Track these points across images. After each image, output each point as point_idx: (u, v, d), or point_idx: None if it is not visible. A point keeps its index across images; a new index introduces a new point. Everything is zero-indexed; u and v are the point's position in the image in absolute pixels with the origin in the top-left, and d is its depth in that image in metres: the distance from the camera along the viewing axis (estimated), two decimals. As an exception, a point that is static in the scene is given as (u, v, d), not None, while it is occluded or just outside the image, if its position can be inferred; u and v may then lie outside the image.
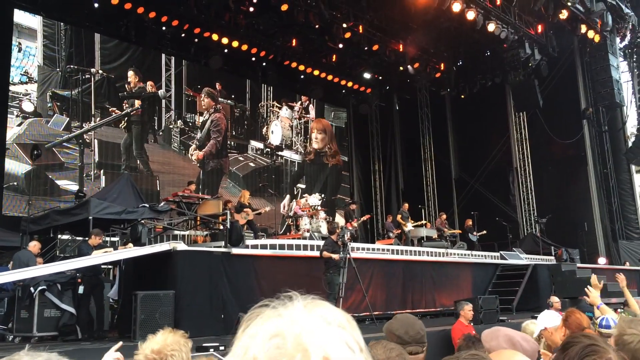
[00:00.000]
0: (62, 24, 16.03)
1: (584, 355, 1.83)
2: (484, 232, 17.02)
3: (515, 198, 21.10)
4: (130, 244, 8.68)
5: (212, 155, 19.09)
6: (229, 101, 20.13)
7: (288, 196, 21.06)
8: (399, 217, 16.19)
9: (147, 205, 9.98)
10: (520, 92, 20.08)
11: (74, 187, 15.10)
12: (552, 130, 19.88)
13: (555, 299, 9.23)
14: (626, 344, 2.19)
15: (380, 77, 23.37)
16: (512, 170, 21.32)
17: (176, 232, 11.63)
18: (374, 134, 25.03)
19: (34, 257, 8.90)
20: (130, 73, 17.27)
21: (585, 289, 4.74)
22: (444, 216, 17.59)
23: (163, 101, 18.24)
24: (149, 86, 17.83)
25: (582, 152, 19.81)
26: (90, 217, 9.02)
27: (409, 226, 15.69)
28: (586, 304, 4.96)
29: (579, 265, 15.58)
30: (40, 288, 8.26)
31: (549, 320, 4.13)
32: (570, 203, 19.43)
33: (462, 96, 22.24)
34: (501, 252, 15.80)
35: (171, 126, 18.36)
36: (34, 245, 9.14)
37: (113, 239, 10.64)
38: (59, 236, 11.21)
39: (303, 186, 21.91)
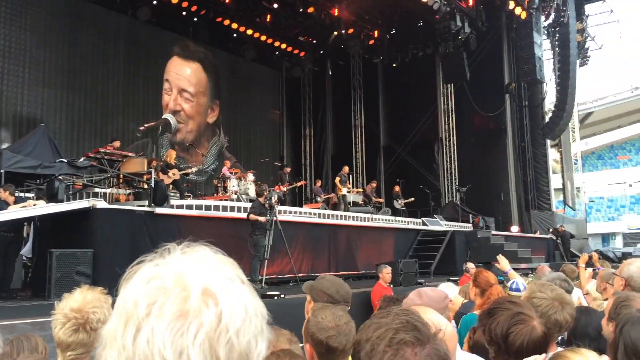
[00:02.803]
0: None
1: (513, 323, 1.93)
2: (412, 199, 17.47)
3: (439, 167, 21.81)
4: (42, 201, 8.25)
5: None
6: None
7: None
8: (337, 179, 16.13)
9: (65, 161, 9.50)
10: (449, 64, 20.53)
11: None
12: (476, 102, 20.55)
13: (471, 265, 9.69)
14: (534, 306, 2.32)
15: (314, 41, 23.16)
16: (437, 140, 21.95)
17: (97, 190, 11.18)
18: (306, 98, 24.93)
19: None
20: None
21: (497, 256, 5.02)
22: (375, 184, 17.88)
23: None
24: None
25: (502, 126, 20.66)
26: (2, 171, 8.49)
27: (344, 191, 15.75)
28: (497, 269, 5.25)
29: (493, 232, 16.45)
30: (-55, 244, 7.73)
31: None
32: (489, 174, 20.32)
33: (394, 65, 22.49)
34: (423, 218, 16.37)
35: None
36: None
37: (28, 194, 10.08)
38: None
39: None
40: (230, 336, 0.65)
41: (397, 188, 17.81)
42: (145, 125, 17.08)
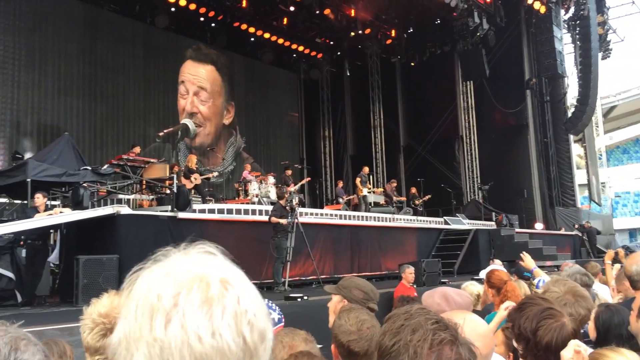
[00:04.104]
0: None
1: (542, 317, 1.93)
2: (429, 196, 17.31)
3: (460, 165, 21.64)
4: (68, 208, 8.40)
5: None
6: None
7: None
8: (358, 180, 16.06)
9: (89, 168, 9.66)
10: (467, 61, 20.38)
11: None
12: (497, 99, 20.36)
13: (498, 262, 9.58)
14: None
15: (331, 42, 23.18)
16: (458, 138, 21.77)
17: (121, 196, 11.35)
18: (325, 99, 24.95)
19: None
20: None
21: (521, 254, 4.95)
22: (395, 184, 17.78)
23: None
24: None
25: (524, 122, 20.42)
26: (29, 180, 8.66)
27: (365, 191, 15.70)
28: (523, 267, 5.19)
29: (517, 230, 16.26)
30: (-25, 252, 7.91)
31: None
32: (511, 171, 20.10)
33: (412, 64, 22.39)
34: (445, 217, 16.24)
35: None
36: None
37: (53, 202, 10.28)
38: (-5, 199, 10.74)
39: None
40: (250, 317, 0.72)
41: (413, 190, 17.69)
42: (165, 130, 17.28)
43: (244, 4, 19.27)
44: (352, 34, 21.05)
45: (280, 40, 21.85)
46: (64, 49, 16.31)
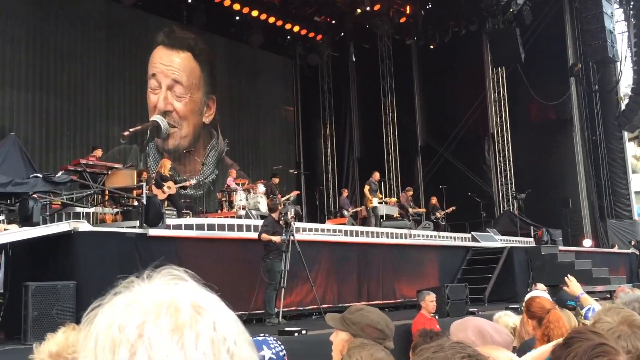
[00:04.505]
0: None
1: (594, 355, 1.92)
2: (453, 207, 17.30)
3: (491, 170, 21.63)
4: (14, 225, 8.40)
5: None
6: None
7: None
8: (366, 188, 16.04)
9: (40, 176, 9.67)
10: (499, 43, 20.44)
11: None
12: (534, 89, 20.38)
13: (542, 287, 9.53)
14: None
15: (333, 22, 23.24)
16: (487, 136, 21.80)
17: (79, 210, 11.35)
18: (326, 90, 25.01)
19: None
20: None
21: (565, 278, 4.94)
22: (410, 192, 17.76)
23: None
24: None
25: (568, 116, 20.45)
26: (-34, 190, 8.68)
27: (375, 202, 15.66)
28: (567, 293, 5.17)
29: (560, 248, 16.25)
30: None
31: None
32: (553, 176, 20.10)
33: (432, 46, 22.46)
34: (473, 233, 16.25)
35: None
36: None
37: (-3, 217, 10.30)
38: None
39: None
40: (229, 346, 0.73)
41: (434, 200, 17.70)
42: (131, 129, 17.26)
43: (227, -25, 19.38)
44: (359, 10, 21.12)
45: (272, 19, 21.91)
46: (9, 33, 16.33)
